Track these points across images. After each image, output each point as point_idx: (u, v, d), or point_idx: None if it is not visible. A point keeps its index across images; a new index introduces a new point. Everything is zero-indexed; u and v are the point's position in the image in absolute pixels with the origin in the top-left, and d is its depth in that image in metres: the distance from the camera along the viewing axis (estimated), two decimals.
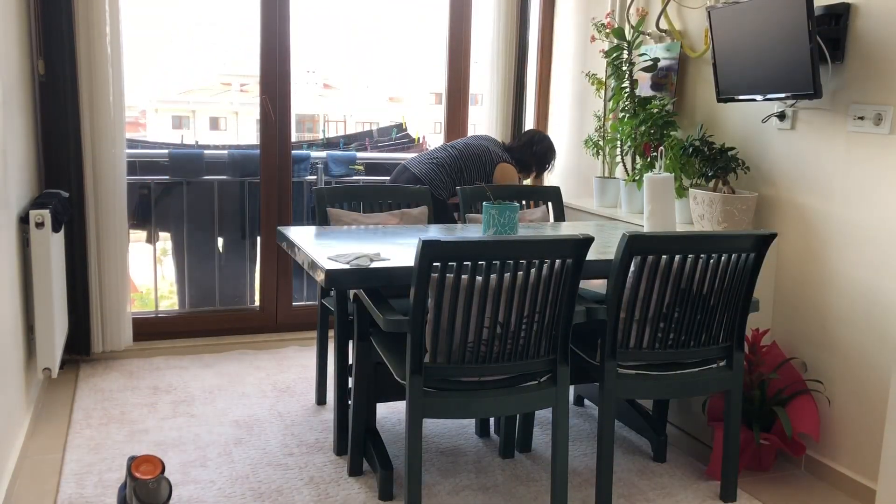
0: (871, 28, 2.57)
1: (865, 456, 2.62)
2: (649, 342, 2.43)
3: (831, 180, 2.73)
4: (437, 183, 3.65)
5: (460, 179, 3.69)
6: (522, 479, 2.69)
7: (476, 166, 3.69)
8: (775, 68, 2.74)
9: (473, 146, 3.75)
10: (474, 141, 3.81)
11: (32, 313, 2.92)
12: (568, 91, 4.31)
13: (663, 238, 2.33)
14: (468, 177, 3.70)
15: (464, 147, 3.75)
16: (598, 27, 3.83)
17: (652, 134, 3.43)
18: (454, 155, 3.71)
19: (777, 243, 2.94)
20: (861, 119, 2.60)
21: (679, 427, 3.11)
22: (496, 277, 2.16)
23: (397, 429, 3.05)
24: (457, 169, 3.68)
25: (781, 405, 2.73)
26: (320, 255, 2.45)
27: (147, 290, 4.76)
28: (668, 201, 2.88)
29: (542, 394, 2.32)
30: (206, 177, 4.24)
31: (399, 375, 2.31)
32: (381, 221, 3.24)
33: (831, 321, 2.74)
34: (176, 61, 16.07)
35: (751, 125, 3.08)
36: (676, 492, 2.64)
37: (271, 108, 3.92)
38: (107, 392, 3.30)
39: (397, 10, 17.36)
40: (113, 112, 3.47)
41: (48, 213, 2.85)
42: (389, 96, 17.26)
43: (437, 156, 3.72)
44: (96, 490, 2.49)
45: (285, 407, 3.22)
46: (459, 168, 3.68)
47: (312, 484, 2.59)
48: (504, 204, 2.64)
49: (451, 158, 3.70)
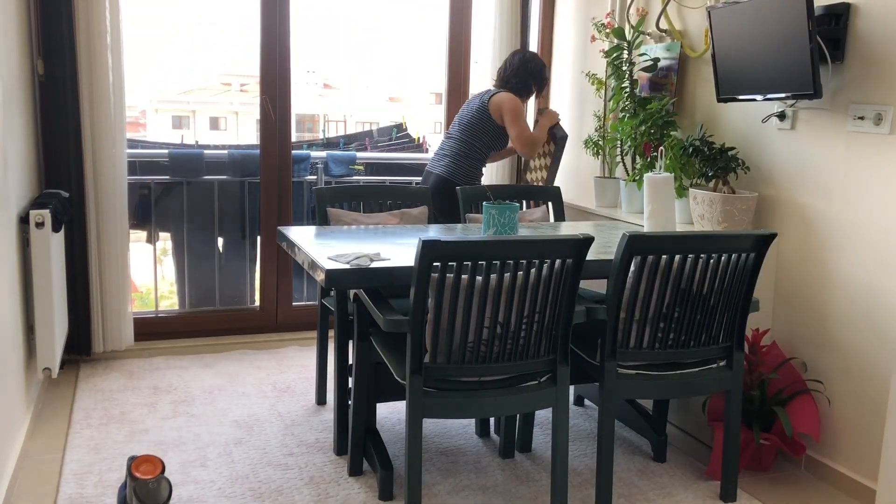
0: (871, 28, 2.57)
1: (865, 456, 2.62)
2: (649, 342, 2.43)
3: (831, 180, 2.73)
4: (464, 173, 3.68)
5: (480, 152, 3.72)
6: (522, 479, 2.69)
7: (482, 129, 3.70)
8: (775, 68, 2.74)
9: (467, 116, 3.76)
10: (466, 109, 3.80)
11: (32, 313, 2.92)
12: (568, 91, 4.32)
13: (663, 238, 2.33)
14: (483, 145, 3.72)
15: (461, 122, 3.76)
16: (598, 27, 3.83)
17: (652, 134, 3.43)
18: (460, 137, 3.72)
19: (777, 243, 2.94)
20: (861, 119, 2.60)
21: (679, 427, 3.11)
22: (496, 277, 2.16)
23: (397, 429, 3.05)
24: (469, 147, 3.69)
25: (781, 405, 2.73)
26: (320, 255, 2.45)
27: (147, 290, 4.77)
28: (668, 201, 2.88)
29: (542, 394, 2.32)
30: (206, 177, 4.24)
31: (399, 375, 2.31)
32: (381, 221, 3.25)
33: (831, 321, 2.74)
34: (176, 61, 16.09)
35: (751, 125, 3.08)
36: (676, 492, 2.64)
37: (271, 108, 3.92)
38: (107, 392, 3.30)
39: (397, 11, 17.36)
40: (113, 112, 3.47)
41: (48, 213, 2.85)
42: (389, 96, 17.27)
43: (447, 148, 3.74)
44: (96, 490, 2.49)
45: (285, 407, 3.22)
46: (472, 145, 3.70)
47: (312, 484, 2.59)
48: (504, 204, 2.64)
49: (459, 142, 3.72)
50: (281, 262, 4.05)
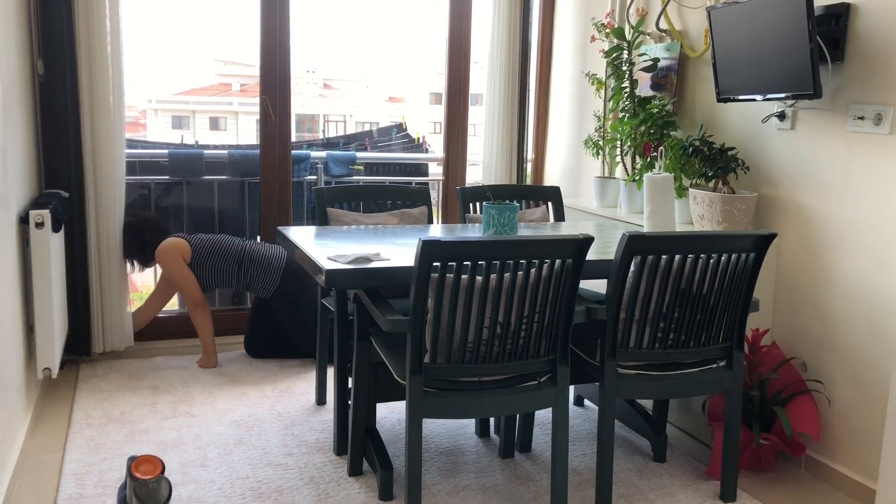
0: (870, 28, 2.57)
1: (865, 456, 2.62)
2: (649, 342, 2.43)
3: (831, 180, 2.73)
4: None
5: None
6: (522, 479, 2.69)
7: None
8: (775, 68, 2.74)
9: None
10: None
11: (32, 313, 2.92)
12: (568, 91, 4.31)
13: (663, 238, 2.33)
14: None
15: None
16: (598, 27, 3.83)
17: (652, 134, 3.43)
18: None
19: (777, 243, 2.94)
20: (861, 119, 2.60)
21: (679, 427, 3.11)
22: (496, 277, 2.16)
23: (397, 429, 3.05)
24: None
25: (781, 405, 2.73)
26: (320, 255, 2.45)
27: (147, 289, 4.76)
28: (668, 201, 2.88)
29: (542, 394, 2.32)
30: (206, 177, 4.24)
31: (399, 375, 2.31)
32: (381, 221, 3.25)
33: (831, 321, 2.74)
34: (176, 61, 16.09)
35: (751, 125, 3.08)
36: (676, 492, 2.64)
37: (271, 108, 3.92)
38: (107, 392, 3.30)
39: (397, 11, 17.38)
40: (113, 112, 3.47)
41: (48, 213, 2.85)
42: (389, 96, 17.28)
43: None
44: (96, 490, 2.49)
45: (285, 407, 3.22)
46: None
47: (312, 484, 2.59)
48: (504, 204, 2.64)
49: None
50: None
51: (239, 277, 3.61)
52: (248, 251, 3.64)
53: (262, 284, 3.60)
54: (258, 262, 3.61)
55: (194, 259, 3.59)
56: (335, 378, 2.75)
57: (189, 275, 3.57)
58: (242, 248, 3.65)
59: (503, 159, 4.23)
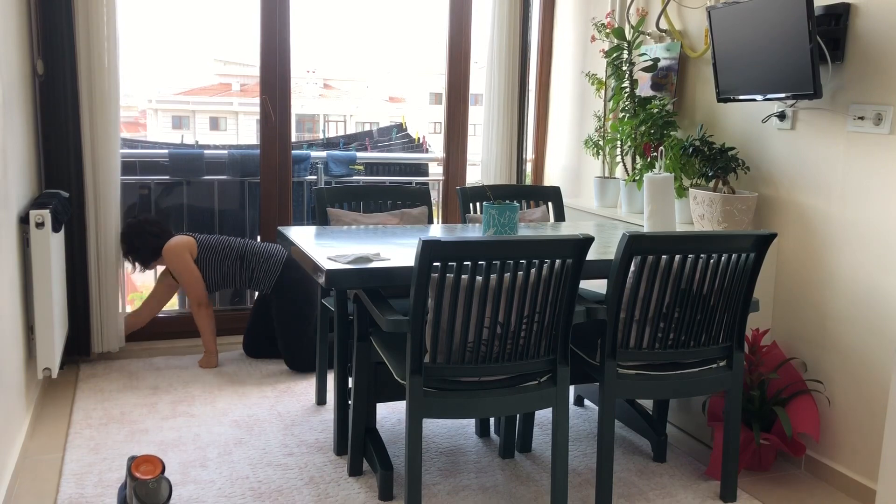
0: (870, 28, 2.57)
1: (865, 456, 2.62)
2: (649, 342, 2.43)
3: (831, 180, 2.73)
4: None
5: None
6: (522, 479, 2.69)
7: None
8: (775, 68, 2.74)
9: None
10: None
11: (32, 313, 2.92)
12: (568, 91, 4.32)
13: (663, 238, 2.33)
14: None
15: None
16: (598, 27, 3.83)
17: (652, 134, 3.43)
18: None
19: (777, 243, 2.94)
20: (861, 119, 2.60)
21: (679, 427, 3.11)
22: (496, 277, 2.16)
23: (397, 429, 3.05)
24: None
25: (781, 405, 2.73)
26: (320, 255, 2.45)
27: (147, 289, 4.76)
28: (668, 201, 2.88)
29: (542, 394, 2.32)
30: (206, 177, 4.24)
31: (399, 375, 2.31)
32: (381, 221, 3.25)
33: (831, 321, 2.74)
34: (176, 61, 16.08)
35: (751, 125, 3.08)
36: (676, 492, 2.64)
37: (271, 108, 3.92)
38: (107, 392, 3.30)
39: (397, 11, 17.38)
40: (113, 112, 3.47)
41: (48, 213, 2.85)
42: (389, 96, 17.27)
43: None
44: (96, 490, 2.49)
45: (285, 407, 3.22)
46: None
47: (312, 484, 2.59)
48: (504, 204, 2.64)
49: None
50: None
51: (242, 273, 3.62)
52: (250, 245, 3.67)
53: (264, 276, 3.61)
54: (260, 254, 3.64)
55: (200, 255, 3.61)
56: (335, 378, 2.75)
57: (196, 271, 3.59)
58: (245, 243, 3.69)
59: (503, 159, 4.24)
